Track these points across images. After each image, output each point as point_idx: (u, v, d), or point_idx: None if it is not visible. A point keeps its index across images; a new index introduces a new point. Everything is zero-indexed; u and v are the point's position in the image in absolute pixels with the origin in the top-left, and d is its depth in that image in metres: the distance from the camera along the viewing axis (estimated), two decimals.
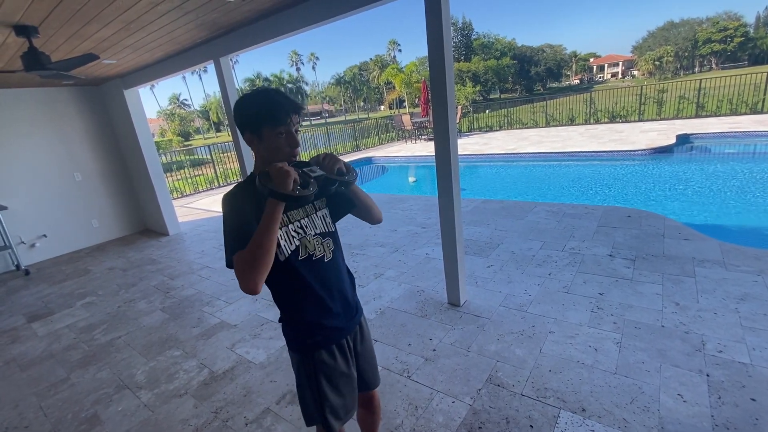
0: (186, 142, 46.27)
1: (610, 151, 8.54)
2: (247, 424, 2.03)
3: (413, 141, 14.27)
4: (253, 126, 1.06)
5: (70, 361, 2.87)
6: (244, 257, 0.97)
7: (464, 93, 25.17)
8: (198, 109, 63.60)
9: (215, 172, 10.49)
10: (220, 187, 10.09)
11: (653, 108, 12.75)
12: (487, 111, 18.78)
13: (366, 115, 55.77)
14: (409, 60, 49.07)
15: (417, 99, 33.73)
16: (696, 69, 51.00)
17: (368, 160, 12.33)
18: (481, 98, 33.05)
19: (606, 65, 68.97)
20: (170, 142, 40.25)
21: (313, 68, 67.20)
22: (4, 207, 4.89)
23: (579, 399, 1.92)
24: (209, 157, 10.77)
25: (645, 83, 19.87)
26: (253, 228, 0.98)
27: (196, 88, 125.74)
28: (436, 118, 2.59)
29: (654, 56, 48.60)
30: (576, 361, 2.18)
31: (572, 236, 3.92)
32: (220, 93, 4.01)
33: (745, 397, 1.82)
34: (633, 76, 57.23)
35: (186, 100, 65.37)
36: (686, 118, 11.68)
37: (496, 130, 15.26)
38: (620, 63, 66.74)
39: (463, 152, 10.05)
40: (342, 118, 59.28)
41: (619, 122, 12.79)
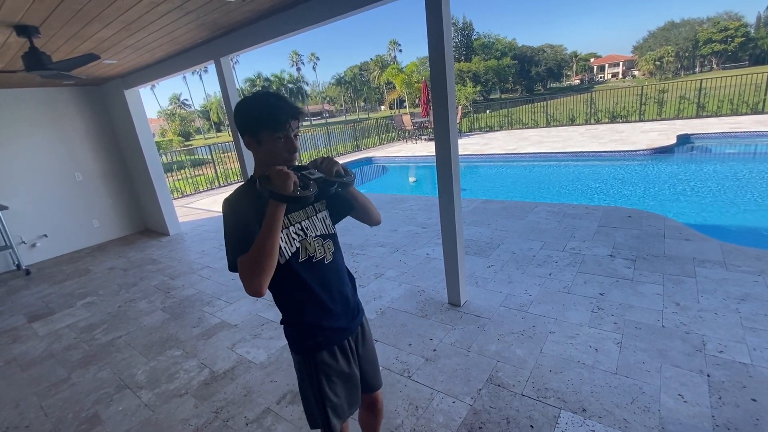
0: (186, 142, 46.30)
1: (611, 152, 8.53)
2: (247, 424, 2.03)
3: (414, 141, 14.27)
4: (252, 130, 1.07)
5: (71, 361, 2.87)
6: (248, 260, 0.98)
7: (465, 93, 25.15)
8: (198, 109, 63.67)
9: (216, 172, 10.50)
10: (220, 187, 10.10)
11: (654, 108, 12.75)
12: (488, 111, 18.76)
13: (366, 115, 55.79)
14: (410, 60, 49.11)
15: (417, 99, 33.73)
16: (697, 69, 50.96)
17: (369, 160, 12.34)
18: (481, 98, 33.03)
19: (606, 65, 68.92)
20: (171, 142, 40.27)
21: (314, 68, 67.22)
22: (5, 207, 4.89)
23: (579, 399, 1.92)
24: (210, 157, 10.78)
25: (646, 83, 19.86)
26: (255, 231, 0.99)
27: (197, 88, 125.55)
28: (436, 118, 2.59)
29: (654, 56, 48.55)
30: (576, 362, 2.18)
31: (573, 236, 3.92)
32: (221, 93, 4.01)
33: (745, 398, 1.82)
34: (633, 76, 57.19)
35: (186, 100, 65.45)
36: (687, 118, 11.68)
37: (497, 130, 15.25)
38: (621, 63, 66.69)
39: (464, 152, 10.05)
40: (342, 118, 59.30)
41: (619, 122, 12.79)
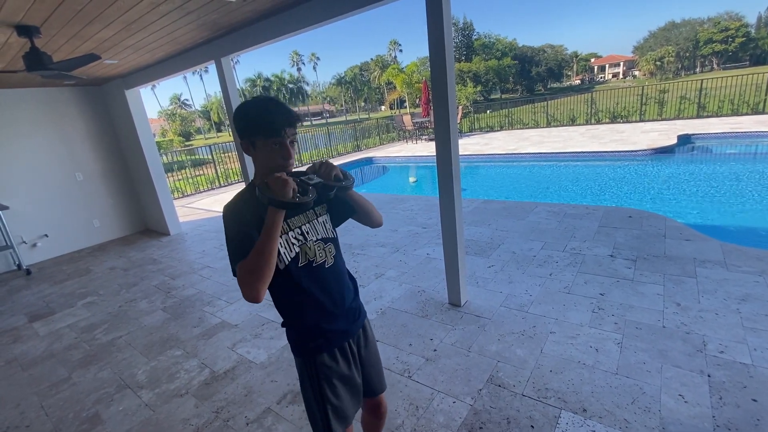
0: (187, 142, 46.31)
1: (612, 152, 8.53)
2: (248, 424, 2.03)
3: (414, 141, 14.27)
4: (248, 135, 1.08)
5: (72, 361, 2.87)
6: (246, 266, 0.99)
7: (465, 93, 25.13)
8: (199, 109, 63.73)
9: (216, 172, 10.51)
10: (221, 187, 10.11)
11: (654, 108, 12.74)
12: (488, 111, 18.76)
13: (367, 116, 55.78)
14: (410, 60, 49.16)
15: (418, 99, 33.74)
16: (697, 69, 50.95)
17: (369, 161, 12.34)
18: (482, 98, 33.05)
19: (607, 65, 68.88)
20: (171, 142, 40.28)
21: (314, 68, 67.22)
22: (5, 207, 4.90)
23: (580, 399, 1.92)
24: (210, 157, 10.79)
25: (646, 83, 19.85)
26: (254, 237, 1.00)
27: (197, 88, 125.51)
28: (437, 119, 2.59)
29: (655, 56, 48.55)
30: (577, 362, 2.18)
31: (573, 236, 3.92)
32: (221, 93, 4.01)
33: (746, 398, 1.81)
34: (634, 77, 57.18)
35: (187, 100, 65.52)
36: (687, 118, 11.67)
37: (497, 131, 15.25)
38: (621, 63, 66.66)
39: (464, 152, 10.05)
40: (343, 118, 59.31)
41: (620, 122, 12.78)
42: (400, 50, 64.09)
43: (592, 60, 68.92)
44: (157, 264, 4.81)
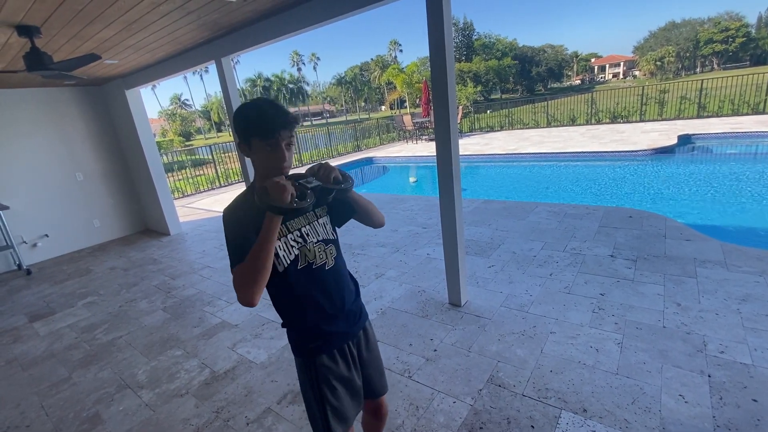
0: (187, 142, 46.32)
1: (612, 152, 8.52)
2: (248, 424, 2.03)
3: (414, 141, 14.27)
4: (244, 137, 1.08)
5: (72, 361, 2.87)
6: (241, 270, 0.99)
7: (465, 93, 25.11)
8: (199, 109, 63.72)
9: (216, 172, 10.51)
10: (221, 187, 10.11)
11: (655, 108, 12.73)
12: (488, 111, 18.76)
13: (367, 116, 55.81)
14: (410, 60, 49.19)
15: (418, 99, 33.74)
16: (698, 69, 50.96)
17: (369, 161, 12.34)
18: (482, 98, 33.03)
19: (607, 65, 68.87)
20: (171, 142, 40.30)
21: (314, 68, 67.22)
22: (6, 207, 4.90)
23: (580, 399, 1.92)
24: (210, 157, 10.79)
25: (646, 83, 19.84)
26: (252, 241, 1.00)
27: (198, 88, 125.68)
28: (437, 119, 2.59)
29: (655, 56, 48.53)
30: (577, 362, 2.18)
31: (573, 237, 3.92)
32: (222, 93, 4.02)
33: (746, 398, 1.81)
34: (634, 77, 57.18)
35: (187, 100, 65.56)
36: (688, 118, 11.66)
37: (497, 131, 15.24)
38: (621, 63, 66.65)
39: (464, 152, 10.05)
40: (343, 118, 59.32)
41: (620, 122, 12.78)
42: (401, 50, 64.08)
43: (593, 60, 68.90)
44: (158, 264, 4.81)
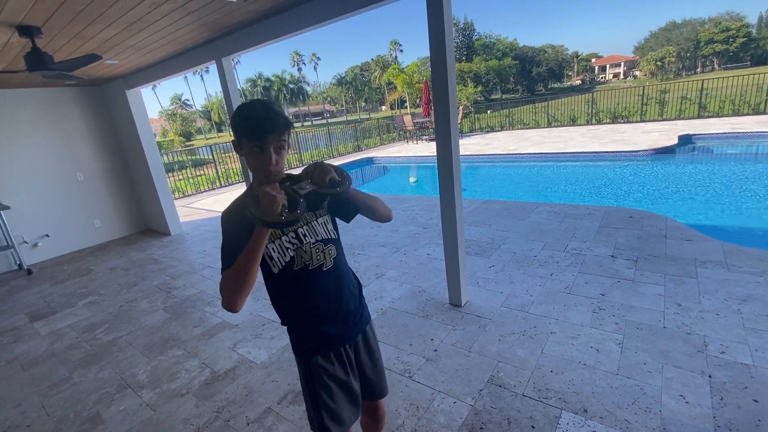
0: (188, 142, 46.31)
1: (612, 152, 8.52)
2: (248, 424, 2.03)
3: (414, 141, 14.27)
4: (237, 136, 1.08)
5: (72, 361, 2.88)
6: (227, 277, 0.99)
7: (466, 93, 25.12)
8: (200, 109, 63.72)
9: (217, 172, 10.52)
10: (221, 187, 10.11)
11: (655, 108, 12.72)
12: (489, 111, 18.76)
13: (367, 116, 55.81)
14: (411, 60, 49.31)
15: (418, 99, 33.72)
16: (698, 69, 50.94)
17: (370, 161, 12.34)
18: (482, 98, 33.04)
19: (608, 66, 68.87)
20: (172, 142, 40.29)
21: (315, 68, 67.15)
22: (6, 206, 4.90)
23: (581, 400, 1.92)
24: (211, 157, 10.81)
25: (647, 84, 19.83)
26: (243, 247, 0.99)
27: (198, 88, 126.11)
28: (437, 119, 2.59)
29: (656, 56, 48.51)
30: (578, 362, 2.17)
31: (574, 237, 3.92)
32: (222, 93, 4.02)
33: (747, 399, 1.81)
34: (635, 77, 57.16)
35: (188, 100, 65.59)
36: (688, 118, 11.65)
37: (498, 131, 15.23)
38: (622, 63, 66.66)
39: (465, 152, 10.04)
40: (343, 118, 59.35)
41: (620, 123, 12.77)
42: (401, 50, 64.00)
43: (593, 60, 68.90)
44: (158, 264, 4.81)
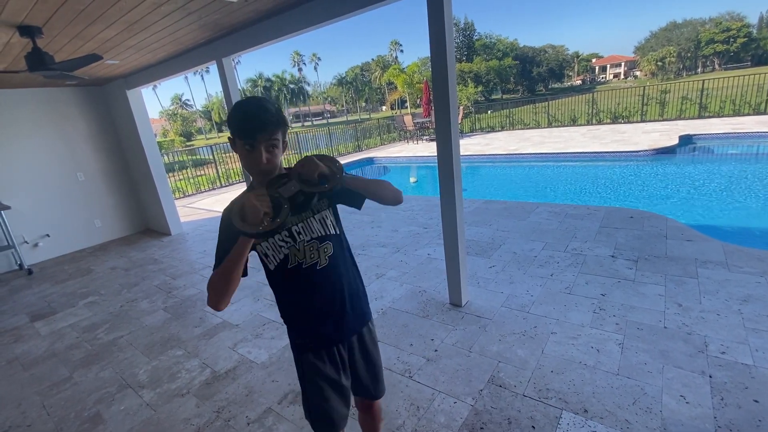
0: (188, 143, 46.32)
1: (613, 152, 8.51)
2: (249, 424, 2.03)
3: (415, 141, 14.27)
4: (231, 133, 1.08)
5: (73, 361, 2.88)
6: (212, 277, 1.02)
7: (466, 93, 25.12)
8: (200, 109, 63.74)
9: (217, 172, 10.52)
10: (222, 187, 10.12)
11: (656, 109, 12.71)
12: (489, 111, 18.74)
13: (368, 116, 55.80)
14: (411, 60, 49.36)
15: (419, 99, 33.71)
16: (699, 69, 50.93)
17: (370, 161, 12.35)
18: (483, 99, 33.05)
19: (608, 66, 68.86)
20: (172, 142, 40.31)
21: (315, 69, 67.03)
22: (7, 206, 4.91)
23: (581, 400, 1.92)
24: (211, 157, 10.81)
25: (647, 84, 19.82)
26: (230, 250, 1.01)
27: (198, 88, 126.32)
28: (437, 119, 2.59)
29: (656, 57, 48.49)
30: (578, 362, 2.17)
31: (574, 237, 3.91)
32: (223, 93, 4.02)
33: (748, 399, 1.81)
34: (635, 77, 57.15)
35: (188, 100, 65.66)
36: (689, 118, 11.64)
37: (498, 131, 15.23)
38: (622, 63, 66.65)
39: (465, 153, 10.04)
40: (344, 118, 59.35)
41: (621, 123, 12.76)
42: (401, 50, 64.01)
43: (594, 60, 68.88)
44: (158, 264, 4.82)
